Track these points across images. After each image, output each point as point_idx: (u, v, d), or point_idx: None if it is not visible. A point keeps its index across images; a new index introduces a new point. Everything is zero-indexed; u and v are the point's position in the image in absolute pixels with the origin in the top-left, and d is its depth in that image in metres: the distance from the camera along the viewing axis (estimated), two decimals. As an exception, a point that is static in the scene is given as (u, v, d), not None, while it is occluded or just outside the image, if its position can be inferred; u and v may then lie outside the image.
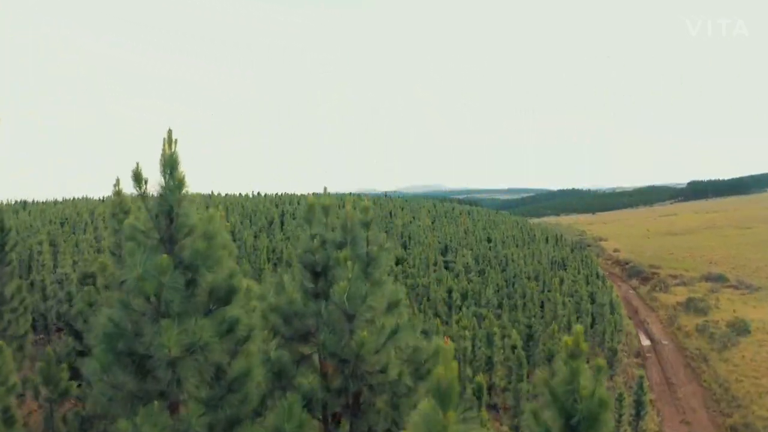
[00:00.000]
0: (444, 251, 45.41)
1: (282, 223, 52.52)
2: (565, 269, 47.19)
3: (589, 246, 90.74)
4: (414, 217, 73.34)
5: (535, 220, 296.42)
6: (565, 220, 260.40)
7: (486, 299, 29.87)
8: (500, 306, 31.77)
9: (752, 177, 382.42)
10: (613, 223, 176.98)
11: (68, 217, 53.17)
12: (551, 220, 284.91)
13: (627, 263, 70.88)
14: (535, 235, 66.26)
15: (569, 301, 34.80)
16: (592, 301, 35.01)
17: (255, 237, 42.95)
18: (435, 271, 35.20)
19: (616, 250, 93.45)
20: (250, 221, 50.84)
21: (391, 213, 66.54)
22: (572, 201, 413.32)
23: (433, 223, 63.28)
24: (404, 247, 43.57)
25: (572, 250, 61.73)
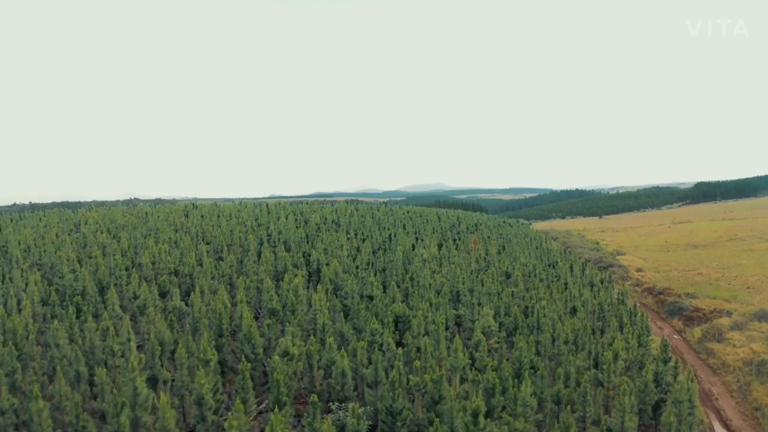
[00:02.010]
0: (455, 300, 36.52)
1: (259, 255, 43.62)
2: (605, 319, 38.32)
3: (611, 267, 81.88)
4: (417, 238, 64.45)
5: (542, 224, 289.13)
6: (572, 224, 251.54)
7: (522, 400, 21.08)
8: (541, 405, 22.94)
9: (759, 178, 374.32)
10: (625, 231, 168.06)
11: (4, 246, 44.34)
12: (557, 223, 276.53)
13: (660, 293, 61.93)
14: (557, 262, 57.32)
15: (628, 382, 26.07)
16: (657, 384, 26.20)
17: (218, 281, 33.99)
18: (448, 344, 26.34)
19: (639, 270, 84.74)
20: (221, 256, 41.90)
21: (390, 237, 57.56)
22: (577, 203, 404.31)
23: (440, 249, 54.34)
24: (406, 295, 34.67)
25: (602, 282, 52.85)
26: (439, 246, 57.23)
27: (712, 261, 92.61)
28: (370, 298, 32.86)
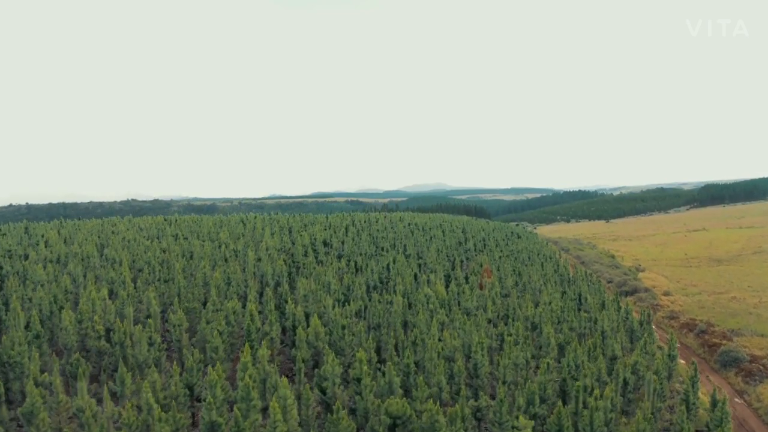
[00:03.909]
0: (473, 374, 27.89)
1: (228, 296, 34.81)
2: (663, 394, 29.77)
3: (636, 292, 73.17)
4: (420, 265, 55.80)
5: (547, 228, 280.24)
6: (579, 229, 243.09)
7: None
8: None
9: (765, 180, 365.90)
10: (639, 240, 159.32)
11: None
12: (563, 228, 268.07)
13: (703, 332, 53.24)
14: (586, 298, 48.72)
15: None
16: None
17: (156, 353, 25.24)
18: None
19: (667, 294, 76.08)
20: (172, 304, 33.16)
21: (389, 267, 48.88)
22: (582, 205, 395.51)
23: (448, 285, 45.72)
24: (406, 374, 25.99)
25: (642, 324, 44.27)
26: (447, 279, 48.59)
27: (743, 281, 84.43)
28: (358, 380, 24.25)
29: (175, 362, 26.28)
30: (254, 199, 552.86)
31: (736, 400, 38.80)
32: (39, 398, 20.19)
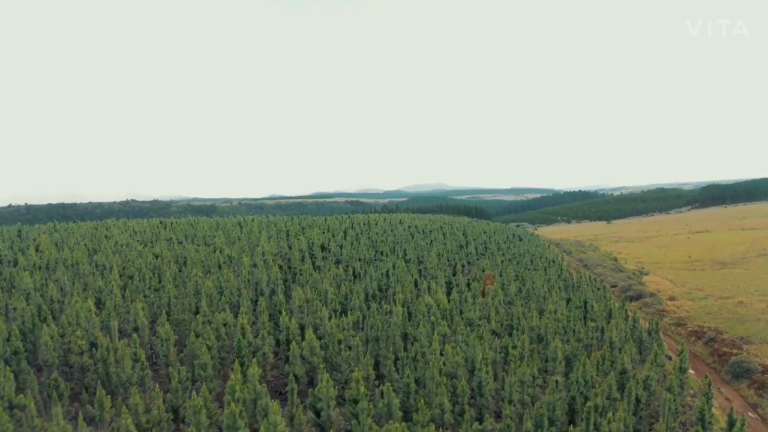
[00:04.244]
0: (477, 392, 26.35)
1: (219, 308, 33.24)
2: (675, 412, 28.23)
3: (642, 297, 71.61)
4: (421, 271, 54.33)
5: (548, 229, 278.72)
6: (580, 230, 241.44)
7: None
8: None
9: (767, 180, 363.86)
10: (641, 242, 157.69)
11: None
12: (563, 228, 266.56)
13: (712, 340, 51.73)
14: (593, 305, 47.17)
15: None
16: None
17: (141, 370, 23.70)
18: None
19: (672, 298, 74.52)
20: (159, 315, 31.55)
21: (388, 273, 47.35)
22: (582, 206, 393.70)
23: (449, 293, 44.25)
24: (406, 394, 24.42)
25: (650, 333, 42.74)
26: (448, 286, 47.07)
27: (749, 284, 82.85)
28: (355, 401, 22.74)
29: (160, 382, 24.75)
30: (254, 200, 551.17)
31: (750, 414, 37.23)
32: (10, 425, 18.69)
